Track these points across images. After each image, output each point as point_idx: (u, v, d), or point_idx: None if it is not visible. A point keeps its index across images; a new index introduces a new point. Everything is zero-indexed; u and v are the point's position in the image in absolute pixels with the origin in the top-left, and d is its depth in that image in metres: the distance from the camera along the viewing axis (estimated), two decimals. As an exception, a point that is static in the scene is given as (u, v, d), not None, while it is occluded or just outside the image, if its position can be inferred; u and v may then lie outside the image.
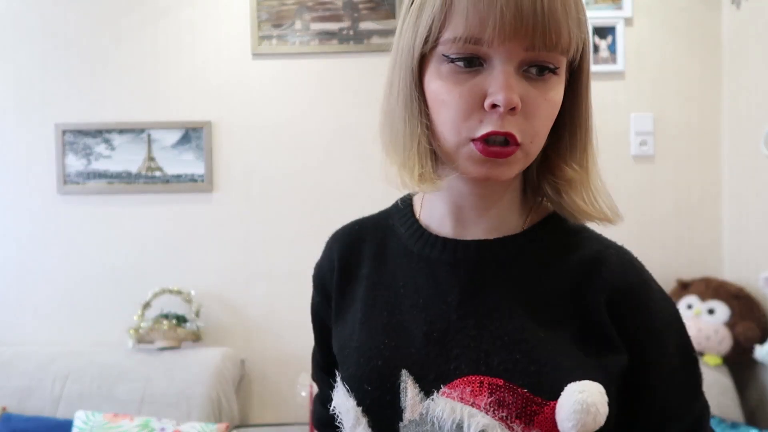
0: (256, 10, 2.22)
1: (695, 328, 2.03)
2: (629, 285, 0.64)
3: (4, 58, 2.25)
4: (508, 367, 0.59)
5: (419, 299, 0.67)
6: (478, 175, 0.61)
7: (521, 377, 0.59)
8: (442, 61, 0.59)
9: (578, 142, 0.67)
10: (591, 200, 0.66)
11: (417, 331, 0.65)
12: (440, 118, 0.60)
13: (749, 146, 2.12)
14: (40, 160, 2.25)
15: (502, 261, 0.65)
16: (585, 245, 0.67)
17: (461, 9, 0.56)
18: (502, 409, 0.58)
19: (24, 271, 2.26)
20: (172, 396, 1.96)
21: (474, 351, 0.61)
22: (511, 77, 0.57)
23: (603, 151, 2.46)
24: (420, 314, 0.66)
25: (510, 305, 0.63)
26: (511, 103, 0.56)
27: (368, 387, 0.64)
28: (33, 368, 2.02)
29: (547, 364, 0.59)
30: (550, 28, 0.55)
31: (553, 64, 0.58)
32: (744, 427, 1.89)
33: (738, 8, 2.17)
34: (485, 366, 0.60)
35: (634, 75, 2.26)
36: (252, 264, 2.24)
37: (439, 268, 0.67)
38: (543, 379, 0.58)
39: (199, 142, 2.24)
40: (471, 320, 0.63)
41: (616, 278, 0.64)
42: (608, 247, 0.68)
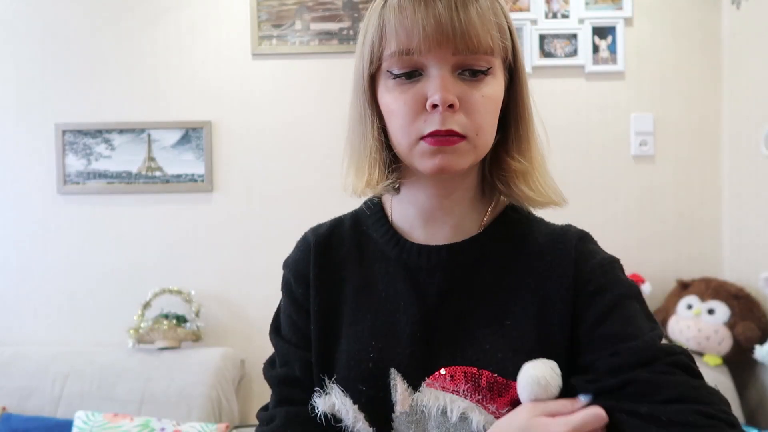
0: (256, 10, 2.22)
1: (695, 328, 2.03)
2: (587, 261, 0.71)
3: (4, 58, 2.26)
4: (479, 357, 0.68)
5: (401, 303, 0.73)
6: (433, 167, 0.67)
7: (490, 364, 0.67)
8: (387, 77, 0.68)
9: (522, 136, 0.73)
10: (537, 188, 0.72)
11: (402, 332, 0.71)
12: (393, 126, 0.69)
13: (749, 146, 2.12)
14: (40, 160, 2.25)
15: (471, 261, 0.73)
16: (539, 232, 0.75)
17: (392, 29, 0.66)
18: (477, 393, 0.67)
19: (24, 271, 2.26)
20: (172, 396, 1.96)
21: (452, 345, 0.70)
22: (447, 79, 0.65)
23: (603, 151, 2.46)
24: (403, 317, 0.72)
25: (480, 302, 0.71)
26: (447, 100, 0.64)
27: (362, 387, 0.71)
28: (33, 368, 2.02)
29: (511, 350, 0.68)
30: (469, 33, 0.64)
31: (482, 65, 0.66)
32: (744, 427, 1.89)
33: (738, 8, 2.17)
34: (461, 357, 0.69)
35: (634, 75, 2.26)
36: (252, 264, 2.24)
37: (416, 273, 0.73)
38: (507, 363, 0.67)
39: (199, 142, 2.24)
40: (448, 319, 0.71)
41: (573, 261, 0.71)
42: (559, 230, 0.76)
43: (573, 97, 2.25)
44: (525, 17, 2.23)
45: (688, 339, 2.05)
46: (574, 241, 0.73)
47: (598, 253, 0.73)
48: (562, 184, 0.77)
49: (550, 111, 2.23)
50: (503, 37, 0.67)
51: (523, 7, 2.25)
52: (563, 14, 2.25)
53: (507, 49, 0.69)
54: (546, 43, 2.24)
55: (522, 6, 2.25)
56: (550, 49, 2.24)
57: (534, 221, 0.77)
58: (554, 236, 0.74)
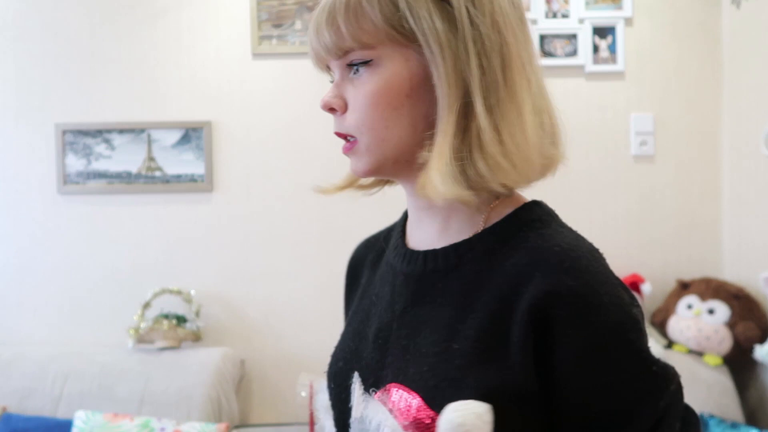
0: (256, 10, 2.22)
1: (695, 328, 2.03)
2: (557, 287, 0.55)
3: (4, 58, 2.25)
4: (415, 378, 0.60)
5: (380, 307, 0.70)
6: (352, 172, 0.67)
7: (423, 390, 0.59)
8: None
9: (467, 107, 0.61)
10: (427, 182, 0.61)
11: (370, 337, 0.68)
12: None
13: (749, 146, 2.12)
14: (40, 160, 2.25)
15: (444, 271, 0.64)
16: (530, 244, 0.60)
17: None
18: (406, 418, 0.58)
19: (24, 271, 2.26)
20: (172, 396, 1.96)
21: (400, 360, 0.63)
22: (337, 84, 0.65)
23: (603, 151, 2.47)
24: (375, 321, 0.69)
25: (439, 316, 0.62)
26: (324, 105, 0.65)
27: (332, 385, 0.70)
28: (33, 368, 2.02)
29: (446, 379, 0.58)
30: (326, 36, 0.62)
31: (354, 59, 0.62)
32: (744, 427, 1.89)
33: (738, 8, 2.17)
34: (403, 375, 0.61)
35: (634, 75, 2.26)
36: (252, 264, 2.24)
37: (397, 278, 0.69)
38: (437, 394, 0.57)
39: (199, 142, 2.24)
40: (405, 330, 0.64)
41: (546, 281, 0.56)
42: (553, 246, 0.58)
43: (573, 97, 2.25)
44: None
45: (688, 339, 2.05)
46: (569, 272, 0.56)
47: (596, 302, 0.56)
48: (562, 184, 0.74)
49: (550, 111, 2.24)
50: (358, 24, 0.60)
51: (523, 7, 2.24)
52: (563, 14, 2.25)
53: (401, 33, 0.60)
54: (546, 43, 2.24)
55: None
56: (550, 48, 2.24)
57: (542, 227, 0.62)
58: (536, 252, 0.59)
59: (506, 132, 0.59)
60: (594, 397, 0.55)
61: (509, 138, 0.59)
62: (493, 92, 0.59)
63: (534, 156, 0.61)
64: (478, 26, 0.59)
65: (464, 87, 0.59)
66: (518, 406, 0.56)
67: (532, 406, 0.56)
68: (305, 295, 2.22)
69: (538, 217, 0.63)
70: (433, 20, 0.59)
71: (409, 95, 0.61)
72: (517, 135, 0.59)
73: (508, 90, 0.60)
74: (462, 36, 0.59)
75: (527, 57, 0.62)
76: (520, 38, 0.62)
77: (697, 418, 0.60)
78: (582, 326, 0.54)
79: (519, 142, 0.59)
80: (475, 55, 0.59)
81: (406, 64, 0.61)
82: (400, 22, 0.60)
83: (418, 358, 0.61)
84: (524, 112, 0.60)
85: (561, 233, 0.60)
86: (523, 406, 0.56)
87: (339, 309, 2.42)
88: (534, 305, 0.55)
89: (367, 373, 0.66)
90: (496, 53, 0.60)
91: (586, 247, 0.59)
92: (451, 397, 0.56)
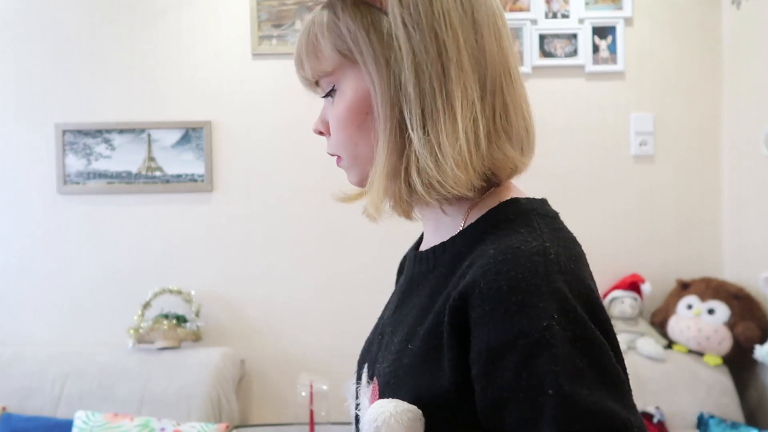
0: (256, 10, 2.22)
1: (695, 328, 2.03)
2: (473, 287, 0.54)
3: (4, 58, 2.25)
4: (381, 374, 0.62)
5: (389, 307, 0.74)
6: None
7: (381, 385, 0.61)
8: None
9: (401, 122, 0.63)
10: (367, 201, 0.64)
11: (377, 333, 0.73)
12: None
13: (749, 146, 2.12)
14: (40, 160, 2.25)
15: (425, 273, 0.66)
16: (484, 246, 0.58)
17: None
18: None
19: (24, 271, 2.26)
20: (172, 396, 1.96)
21: (383, 355, 0.65)
22: (323, 109, 0.70)
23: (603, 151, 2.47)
24: (383, 319, 0.73)
25: (410, 316, 0.63)
26: (314, 130, 0.71)
27: (355, 374, 0.75)
28: (33, 368, 2.02)
29: (395, 377, 0.59)
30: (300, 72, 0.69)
31: (323, 88, 0.68)
32: (744, 427, 1.89)
33: (738, 8, 2.17)
34: (379, 372, 0.63)
35: (634, 75, 2.26)
36: (252, 264, 2.24)
37: (400, 278, 0.76)
38: (386, 390, 0.59)
39: (199, 142, 2.24)
40: (391, 328, 0.67)
41: (467, 280, 0.55)
42: (495, 247, 0.56)
43: (573, 97, 2.25)
44: (525, 17, 2.23)
45: (688, 339, 2.05)
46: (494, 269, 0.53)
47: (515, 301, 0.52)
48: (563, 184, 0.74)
49: (550, 111, 2.24)
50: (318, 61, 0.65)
51: (523, 7, 2.25)
52: (563, 14, 2.25)
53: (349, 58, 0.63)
54: (546, 43, 2.24)
55: (522, 6, 2.25)
56: (550, 49, 2.24)
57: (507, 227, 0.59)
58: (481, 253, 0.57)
59: (442, 145, 0.58)
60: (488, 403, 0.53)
61: (444, 150, 0.58)
62: (430, 104, 0.59)
63: (475, 164, 0.59)
64: (414, 37, 0.59)
65: (399, 103, 0.60)
66: (447, 409, 0.55)
67: (463, 410, 0.55)
68: (305, 295, 2.22)
69: (506, 217, 0.60)
70: (369, 38, 0.60)
71: (368, 113, 0.63)
72: (453, 146, 0.58)
73: (445, 99, 0.59)
74: (397, 49, 0.59)
75: (475, 60, 0.60)
76: (469, 41, 0.60)
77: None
78: (485, 330, 0.52)
79: (454, 153, 0.58)
80: (411, 67, 0.59)
81: (360, 84, 0.63)
82: (345, 46, 0.62)
83: (388, 355, 0.63)
84: (460, 120, 0.58)
85: (518, 233, 0.57)
86: (453, 410, 0.55)
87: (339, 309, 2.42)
88: (452, 306, 0.55)
89: (371, 365, 0.68)
90: (434, 62, 0.59)
91: (530, 250, 0.54)
92: (392, 394, 0.57)
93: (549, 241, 0.55)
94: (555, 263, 0.53)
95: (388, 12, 0.60)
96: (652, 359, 2.05)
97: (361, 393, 0.67)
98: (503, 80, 0.62)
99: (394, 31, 0.60)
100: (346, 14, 0.62)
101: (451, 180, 0.58)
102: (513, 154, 0.62)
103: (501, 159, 0.61)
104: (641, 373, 2.01)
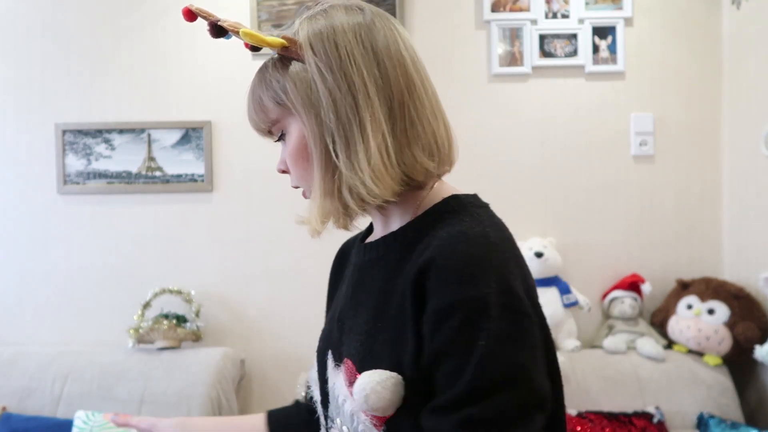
0: (256, 10, 2.22)
1: (695, 328, 2.03)
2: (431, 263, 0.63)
3: (4, 58, 2.26)
4: (352, 353, 0.71)
5: (342, 294, 0.82)
6: None
7: (358, 362, 0.69)
8: None
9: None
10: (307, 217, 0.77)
11: (336, 320, 0.80)
12: None
13: (749, 146, 2.12)
14: (40, 160, 2.25)
15: (376, 260, 0.76)
16: (436, 232, 0.68)
17: None
18: (350, 386, 0.70)
19: (24, 271, 2.26)
20: (172, 396, 1.96)
21: (347, 336, 0.74)
22: (282, 151, 0.79)
23: (603, 151, 2.47)
24: (337, 307, 0.82)
25: (370, 299, 0.73)
26: (278, 170, 0.81)
27: (316, 362, 0.84)
28: (33, 368, 2.02)
29: (371, 353, 0.68)
30: (253, 122, 0.80)
31: (275, 134, 0.79)
32: (744, 427, 1.89)
33: (738, 8, 2.17)
34: (347, 351, 0.73)
35: (634, 75, 2.26)
36: (252, 264, 2.24)
37: (352, 268, 0.83)
38: (365, 365, 0.68)
39: (199, 142, 2.24)
40: (351, 312, 0.76)
41: (425, 257, 0.65)
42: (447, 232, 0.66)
43: (573, 97, 2.25)
44: (525, 17, 2.23)
45: (688, 339, 2.05)
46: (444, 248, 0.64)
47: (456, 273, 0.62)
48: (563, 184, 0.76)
49: (550, 111, 2.24)
50: (264, 114, 0.77)
51: (523, 7, 2.25)
52: (563, 14, 2.25)
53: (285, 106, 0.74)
54: (546, 43, 2.24)
55: (522, 6, 2.25)
56: (550, 49, 2.24)
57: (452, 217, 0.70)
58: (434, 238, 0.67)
59: (361, 163, 0.69)
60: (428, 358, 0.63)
61: (363, 168, 0.69)
62: (348, 132, 0.70)
63: (391, 173, 0.70)
64: (327, 79, 0.70)
65: (325, 136, 0.71)
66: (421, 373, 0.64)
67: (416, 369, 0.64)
68: (305, 295, 2.21)
69: (452, 209, 0.72)
70: (296, 87, 0.72)
71: (310, 150, 0.73)
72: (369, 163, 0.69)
73: (358, 125, 0.69)
74: (317, 92, 0.70)
75: (380, 87, 0.70)
76: (372, 72, 0.70)
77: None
78: (438, 295, 0.62)
79: (370, 169, 0.68)
80: (330, 104, 0.70)
81: (299, 127, 0.74)
82: (280, 97, 0.74)
83: (355, 335, 0.72)
84: (371, 140, 0.69)
85: (463, 221, 0.68)
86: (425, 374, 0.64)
87: (339, 309, 2.32)
88: (413, 281, 0.65)
89: (335, 350, 0.76)
90: (346, 96, 0.69)
91: (476, 233, 0.65)
92: (371, 367, 0.66)
93: (488, 227, 0.67)
94: (494, 245, 0.65)
95: (306, 61, 0.71)
96: (652, 359, 2.05)
97: (331, 376, 0.76)
98: (407, 99, 0.71)
99: (312, 77, 0.71)
100: (276, 71, 0.74)
101: (373, 191, 0.69)
102: (423, 159, 0.71)
103: (413, 165, 0.71)
104: (641, 373, 2.01)
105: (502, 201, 2.21)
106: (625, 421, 1.90)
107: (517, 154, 2.24)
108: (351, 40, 0.71)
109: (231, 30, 0.77)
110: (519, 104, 2.24)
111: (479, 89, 2.25)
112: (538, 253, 2.09)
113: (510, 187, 2.23)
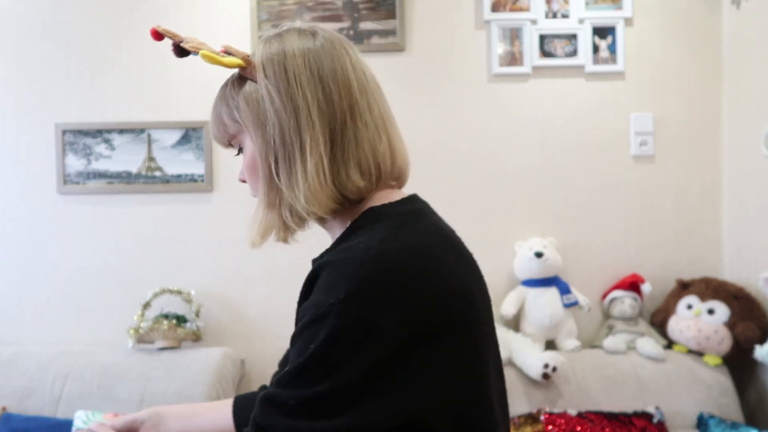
0: (256, 10, 2.22)
1: (695, 328, 2.03)
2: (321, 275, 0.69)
3: (4, 58, 2.26)
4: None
5: None
6: None
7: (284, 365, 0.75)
8: None
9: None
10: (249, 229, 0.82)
11: None
12: None
13: (749, 146, 2.12)
14: (40, 160, 2.25)
15: (313, 274, 0.76)
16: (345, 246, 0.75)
17: None
18: None
19: (24, 271, 2.26)
20: (172, 396, 1.96)
21: None
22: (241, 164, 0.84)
23: (603, 151, 2.46)
24: None
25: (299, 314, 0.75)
26: (239, 179, 0.87)
27: None
28: (33, 368, 2.02)
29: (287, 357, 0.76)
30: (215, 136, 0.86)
31: (235, 147, 0.85)
32: (744, 427, 1.89)
33: (738, 8, 2.17)
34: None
35: (634, 75, 2.26)
36: (252, 264, 2.24)
37: None
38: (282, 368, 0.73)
39: (199, 142, 2.24)
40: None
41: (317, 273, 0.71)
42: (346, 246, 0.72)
43: (573, 97, 2.26)
44: (525, 17, 2.23)
45: (688, 339, 2.05)
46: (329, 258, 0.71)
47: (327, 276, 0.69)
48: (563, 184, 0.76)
49: (550, 111, 2.24)
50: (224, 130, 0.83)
51: (523, 7, 2.25)
52: (563, 14, 2.25)
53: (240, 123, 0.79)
54: (546, 43, 2.24)
55: (522, 6, 2.25)
56: (550, 49, 2.24)
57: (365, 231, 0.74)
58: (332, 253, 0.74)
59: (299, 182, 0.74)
60: (289, 348, 0.71)
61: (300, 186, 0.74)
62: (289, 152, 0.74)
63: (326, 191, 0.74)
64: (275, 100, 0.74)
65: (269, 154, 0.76)
66: None
67: None
68: (305, 295, 2.21)
69: (360, 225, 0.75)
70: (248, 106, 0.77)
71: (258, 166, 0.79)
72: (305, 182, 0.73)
73: (299, 146, 0.74)
74: (265, 111, 0.75)
75: (322, 110, 0.74)
76: (316, 95, 0.74)
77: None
78: (310, 298, 0.69)
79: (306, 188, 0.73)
80: (276, 124, 0.74)
81: (250, 144, 0.79)
82: (235, 115, 0.79)
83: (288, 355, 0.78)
84: (309, 160, 0.73)
85: (360, 237, 0.72)
86: None
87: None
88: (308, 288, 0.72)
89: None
90: (291, 117, 0.74)
91: (358, 248, 0.68)
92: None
93: (378, 241, 0.68)
94: (370, 261, 0.66)
95: (258, 82, 0.76)
96: (652, 359, 2.05)
97: None
98: (349, 120, 0.75)
99: (262, 98, 0.75)
100: (233, 89, 0.79)
101: (309, 207, 0.74)
102: (356, 178, 0.75)
103: (345, 183, 0.75)
104: (641, 373, 2.01)
105: (502, 201, 2.21)
106: (625, 421, 1.90)
107: (517, 154, 2.24)
108: (299, 64, 0.75)
109: (192, 50, 0.81)
110: (519, 104, 2.24)
111: (479, 89, 2.25)
112: (538, 253, 2.09)
113: (510, 187, 2.23)
